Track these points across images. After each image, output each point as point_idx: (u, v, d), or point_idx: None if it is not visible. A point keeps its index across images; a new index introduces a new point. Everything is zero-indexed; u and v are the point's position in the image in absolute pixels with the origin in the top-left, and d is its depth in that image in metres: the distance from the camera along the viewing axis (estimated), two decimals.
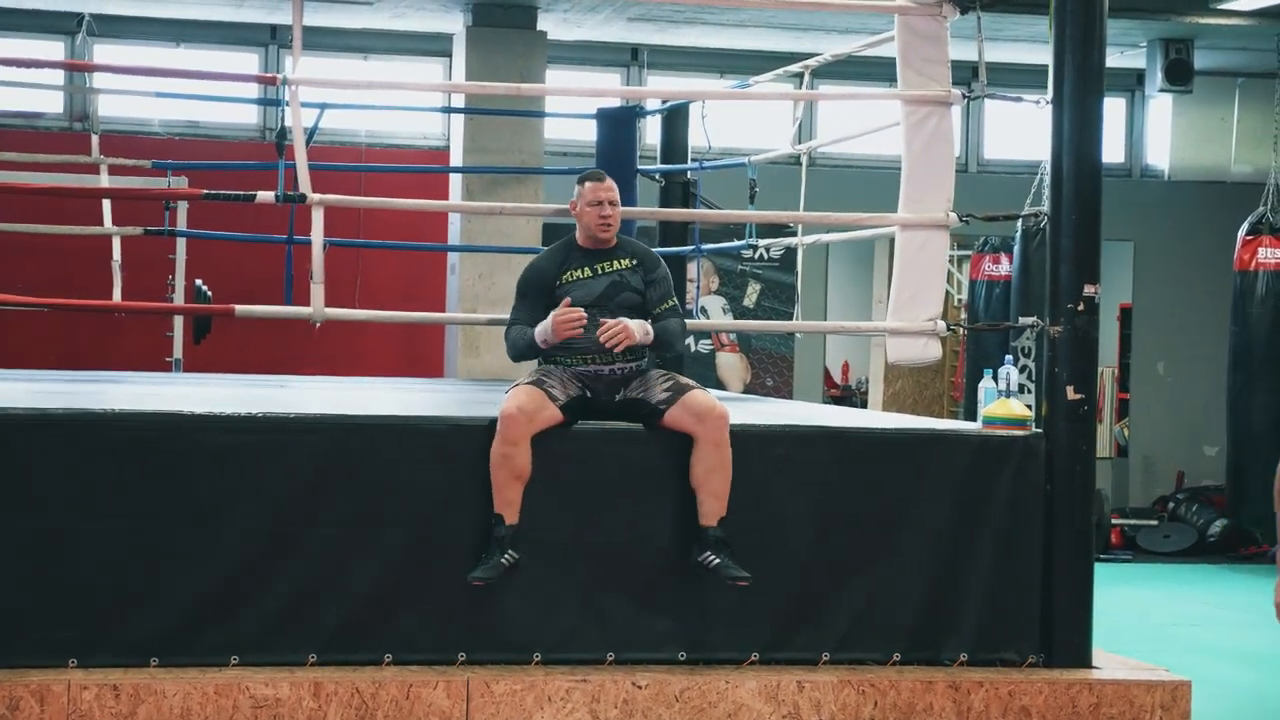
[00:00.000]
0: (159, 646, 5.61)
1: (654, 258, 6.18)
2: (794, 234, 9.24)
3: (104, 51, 13.61)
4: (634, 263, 6.09)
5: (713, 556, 5.79)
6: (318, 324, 6.50)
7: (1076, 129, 6.29)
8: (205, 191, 6.58)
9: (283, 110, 7.87)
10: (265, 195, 6.49)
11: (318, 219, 6.36)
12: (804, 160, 8.69)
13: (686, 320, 6.23)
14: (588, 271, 6.04)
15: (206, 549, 5.67)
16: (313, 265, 6.36)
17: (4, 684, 5.37)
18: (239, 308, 6.49)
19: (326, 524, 5.75)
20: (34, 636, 5.54)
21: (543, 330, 5.86)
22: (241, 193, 6.52)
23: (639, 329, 5.88)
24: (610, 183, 6.12)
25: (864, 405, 16.31)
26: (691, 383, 5.97)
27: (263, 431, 5.75)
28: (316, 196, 6.36)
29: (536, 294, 6.02)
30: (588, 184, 6.11)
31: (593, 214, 6.06)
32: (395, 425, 5.92)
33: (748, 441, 5.98)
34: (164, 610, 5.63)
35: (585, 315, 5.84)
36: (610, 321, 5.86)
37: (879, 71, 14.19)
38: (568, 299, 5.89)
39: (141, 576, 5.63)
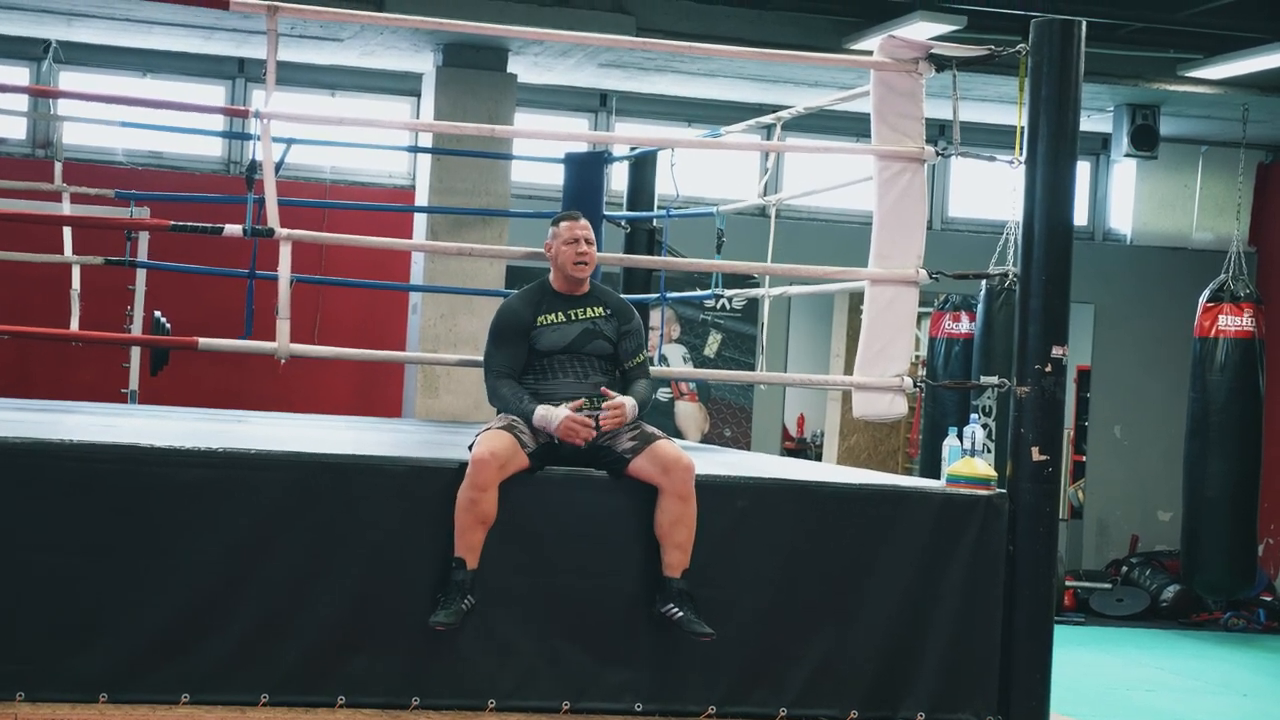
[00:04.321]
0: (109, 682, 5.49)
1: (628, 309, 6.13)
2: (756, 284, 9.21)
3: (70, 79, 13.54)
4: (608, 312, 6.05)
5: (676, 609, 5.73)
6: (283, 360, 6.41)
7: (1049, 190, 6.27)
8: (173, 223, 6.49)
9: (254, 144, 7.81)
10: (233, 229, 6.41)
11: (285, 254, 6.26)
12: (771, 212, 8.67)
13: (651, 369, 6.19)
14: (562, 317, 5.99)
15: (160, 584, 5.56)
16: (279, 301, 6.27)
17: None
18: (203, 340, 6.39)
19: (283, 563, 5.66)
20: None
21: (543, 419, 5.76)
22: (210, 225, 6.44)
23: (631, 410, 5.84)
24: (586, 222, 6.10)
25: (819, 458, 16.30)
26: (658, 432, 5.91)
27: (224, 467, 5.65)
28: (285, 232, 6.27)
29: (514, 339, 5.95)
30: (563, 223, 6.08)
31: (569, 252, 6.02)
32: (360, 465, 5.84)
33: (707, 492, 5.90)
34: (115, 646, 5.52)
35: (595, 432, 5.79)
36: (615, 402, 5.82)
37: (844, 126, 14.32)
38: (581, 400, 5.83)
39: (93, 611, 5.51)
